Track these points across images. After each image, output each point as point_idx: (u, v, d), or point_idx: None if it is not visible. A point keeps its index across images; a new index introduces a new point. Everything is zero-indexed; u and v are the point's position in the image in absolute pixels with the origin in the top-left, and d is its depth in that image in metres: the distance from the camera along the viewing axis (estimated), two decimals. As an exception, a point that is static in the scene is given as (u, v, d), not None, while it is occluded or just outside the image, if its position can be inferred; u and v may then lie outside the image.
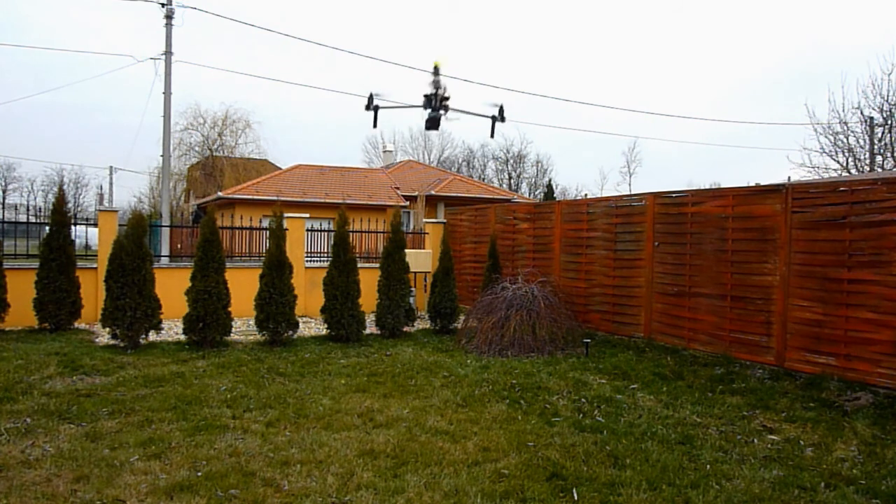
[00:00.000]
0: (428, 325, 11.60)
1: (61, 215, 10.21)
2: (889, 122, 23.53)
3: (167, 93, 19.47)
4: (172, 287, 10.17)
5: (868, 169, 23.32)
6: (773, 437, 5.60)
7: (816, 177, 23.32)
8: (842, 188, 7.40)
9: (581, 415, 6.15)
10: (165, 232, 19.97)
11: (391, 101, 14.14)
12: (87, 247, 21.07)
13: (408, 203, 25.38)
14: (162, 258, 16.67)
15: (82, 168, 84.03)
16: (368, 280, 10.99)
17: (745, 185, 8.76)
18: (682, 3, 73.18)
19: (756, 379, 7.56)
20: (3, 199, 61.34)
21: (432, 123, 13.61)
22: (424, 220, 17.31)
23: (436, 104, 13.22)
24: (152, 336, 9.57)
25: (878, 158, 23.99)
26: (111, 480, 4.34)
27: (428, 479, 4.47)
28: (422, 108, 13.58)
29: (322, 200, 24.16)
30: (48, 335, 9.79)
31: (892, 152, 23.94)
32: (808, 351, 7.53)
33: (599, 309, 10.71)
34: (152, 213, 25.91)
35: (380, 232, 15.54)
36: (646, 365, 8.30)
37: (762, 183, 9.65)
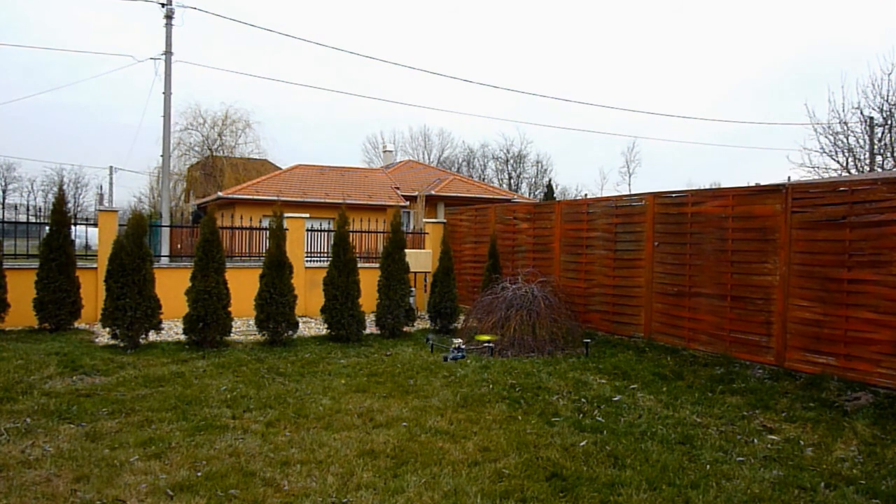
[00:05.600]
0: (428, 325, 11.60)
1: (61, 215, 10.21)
2: (889, 122, 23.55)
3: (167, 93, 19.49)
4: (172, 287, 10.18)
5: (868, 169, 23.33)
6: (773, 437, 5.60)
7: (816, 177, 23.33)
8: (842, 188, 7.40)
9: (581, 415, 6.15)
10: (165, 232, 19.98)
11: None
12: (87, 247, 21.05)
13: (408, 203, 25.36)
14: (162, 258, 16.69)
15: (82, 168, 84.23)
16: (368, 280, 10.99)
17: (745, 185, 8.76)
18: (682, 3, 73.23)
19: (756, 379, 7.55)
20: (3, 199, 61.34)
21: None
22: (424, 220, 17.27)
23: None
24: (152, 336, 9.57)
25: (878, 158, 24.00)
26: (111, 480, 4.34)
27: (428, 479, 4.47)
28: None
29: (322, 200, 24.16)
30: (48, 335, 9.79)
31: (892, 152, 23.95)
32: (808, 351, 7.53)
33: (599, 309, 10.71)
34: (152, 213, 25.90)
35: (380, 232, 15.55)
36: (646, 365, 8.30)
37: (762, 183, 9.65)
